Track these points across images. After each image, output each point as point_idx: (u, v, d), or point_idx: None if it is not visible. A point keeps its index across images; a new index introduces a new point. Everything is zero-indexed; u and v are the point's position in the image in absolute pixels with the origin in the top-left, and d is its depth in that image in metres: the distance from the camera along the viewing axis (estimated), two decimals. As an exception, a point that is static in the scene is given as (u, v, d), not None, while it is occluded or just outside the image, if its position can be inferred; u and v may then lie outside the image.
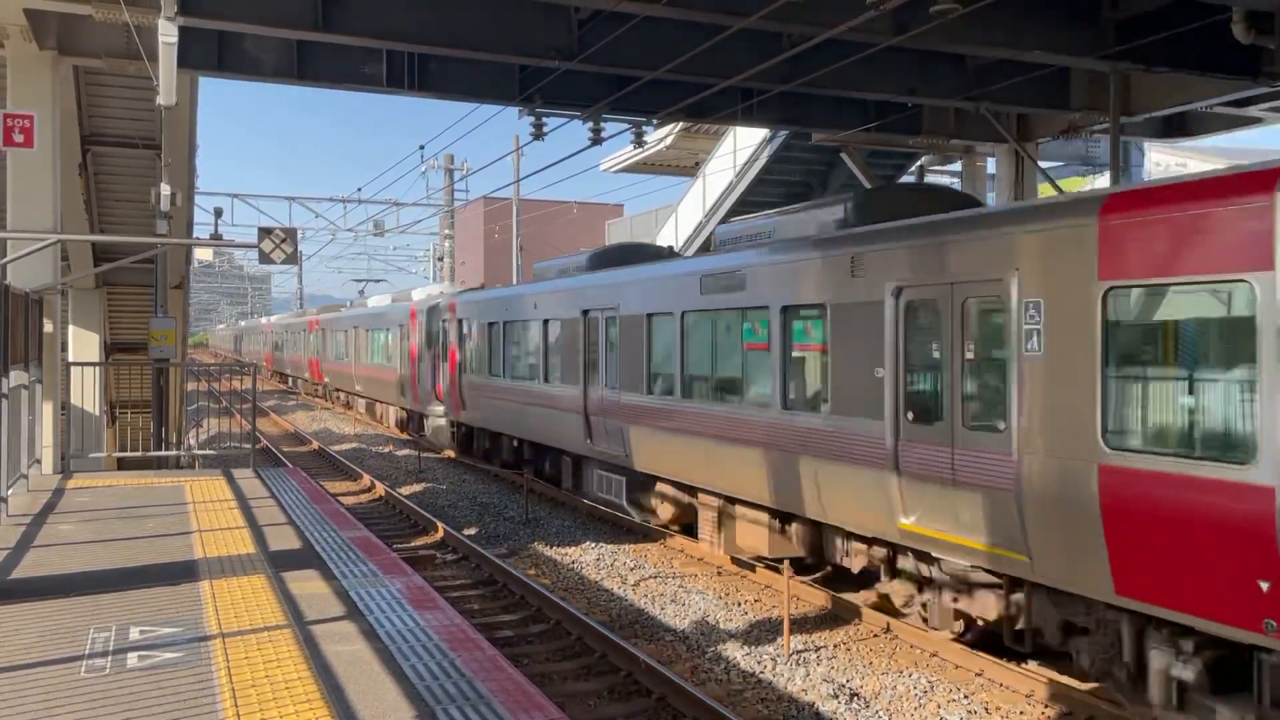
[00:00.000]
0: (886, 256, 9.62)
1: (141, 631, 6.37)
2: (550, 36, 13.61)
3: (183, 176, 18.76)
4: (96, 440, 17.59)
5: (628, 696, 8.85)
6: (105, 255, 21.26)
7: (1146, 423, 7.24)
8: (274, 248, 12.79)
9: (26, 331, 11.36)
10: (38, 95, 13.00)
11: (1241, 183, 6.61)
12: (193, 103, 17.22)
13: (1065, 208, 7.97)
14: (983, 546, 8.43)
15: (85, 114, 17.36)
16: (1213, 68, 13.91)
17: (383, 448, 28.06)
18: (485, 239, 59.12)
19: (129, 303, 25.22)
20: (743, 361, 12.28)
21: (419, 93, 15.12)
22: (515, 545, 15.13)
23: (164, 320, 17.49)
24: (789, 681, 9.20)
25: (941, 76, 15.72)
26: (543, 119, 16.22)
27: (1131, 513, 7.09)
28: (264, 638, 6.27)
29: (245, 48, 14.34)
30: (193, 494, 11.81)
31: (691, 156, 31.99)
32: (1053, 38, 13.41)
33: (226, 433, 26.58)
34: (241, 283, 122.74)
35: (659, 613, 11.40)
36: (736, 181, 25.95)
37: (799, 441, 10.82)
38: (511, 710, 5.16)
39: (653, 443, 14.02)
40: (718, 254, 13.16)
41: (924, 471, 9.02)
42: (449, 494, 19.87)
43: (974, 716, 8.35)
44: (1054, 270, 7.81)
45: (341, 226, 41.67)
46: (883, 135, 18.52)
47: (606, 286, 15.56)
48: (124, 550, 8.74)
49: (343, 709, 5.11)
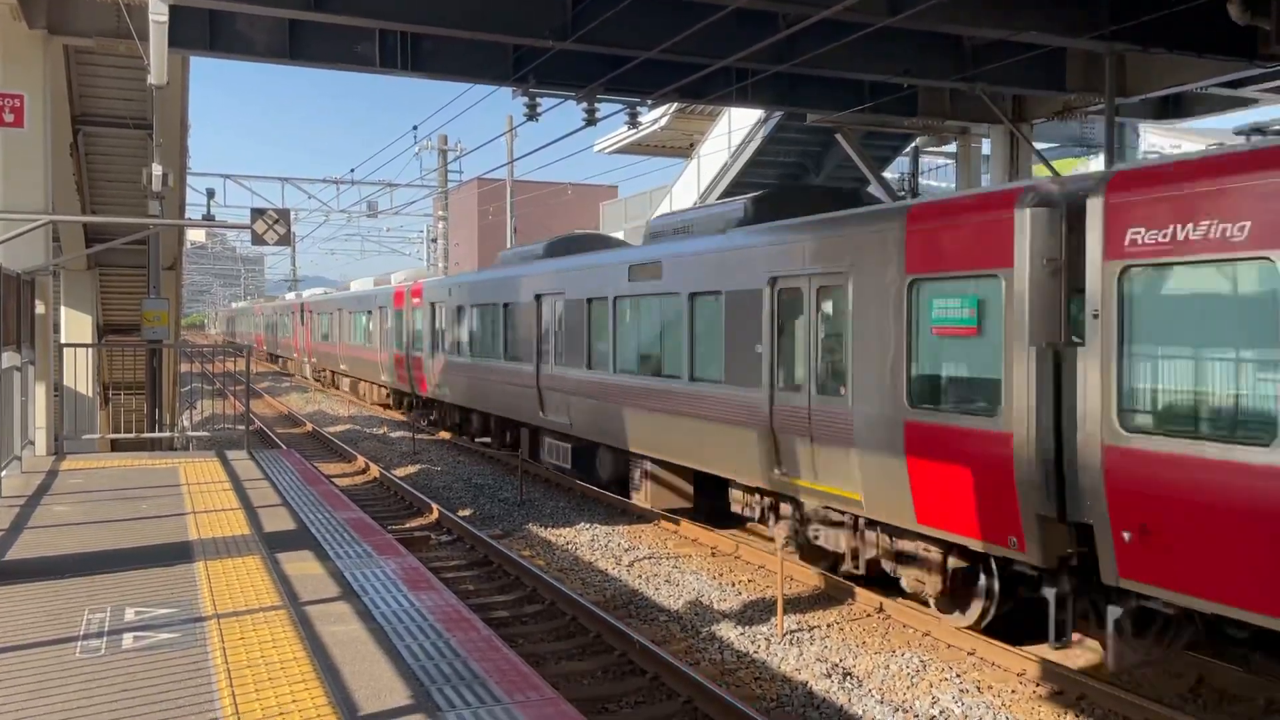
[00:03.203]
0: (766, 252, 11.37)
1: (137, 612, 6.38)
2: (544, 16, 13.54)
3: (175, 157, 18.66)
4: (90, 422, 17.56)
5: (622, 676, 8.89)
6: (97, 236, 21.16)
7: (937, 389, 9.19)
8: (267, 229, 12.74)
9: (19, 313, 11.32)
10: (28, 75, 12.89)
11: (991, 200, 8.54)
12: (184, 83, 17.11)
13: (881, 215, 9.86)
14: (831, 490, 10.39)
15: (76, 94, 17.24)
16: (1208, 48, 13.89)
17: (377, 429, 28.06)
18: (479, 220, 58.92)
19: (122, 284, 25.13)
20: (660, 340, 13.92)
21: (412, 73, 15.04)
22: (510, 526, 15.16)
23: (157, 302, 17.44)
24: (782, 661, 9.25)
25: (937, 57, 15.68)
26: (537, 99, 16.15)
27: (924, 458, 9.05)
28: (259, 618, 6.28)
29: (237, 27, 14.25)
30: (187, 475, 11.81)
31: (686, 138, 31.89)
32: (1048, 18, 13.38)
33: (220, 414, 26.54)
34: (234, 264, 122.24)
35: (653, 593, 11.44)
36: (731, 163, 25.90)
37: (702, 408, 12.51)
38: (506, 690, 5.18)
39: (589, 411, 15.77)
40: (644, 246, 14.93)
41: (791, 429, 10.90)
42: (443, 475, 19.89)
43: (966, 695, 8.40)
44: (876, 265, 9.61)
45: (335, 208, 41.51)
46: (878, 116, 18.48)
47: (554, 273, 17.26)
48: (118, 532, 8.74)
49: (338, 689, 5.13)
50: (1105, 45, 13.92)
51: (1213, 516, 6.71)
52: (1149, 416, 7.31)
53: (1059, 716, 8.06)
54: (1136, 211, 7.23)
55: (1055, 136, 24.50)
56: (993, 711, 8.10)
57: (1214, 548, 6.72)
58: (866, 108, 17.78)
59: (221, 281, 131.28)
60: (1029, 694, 8.48)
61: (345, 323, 35.80)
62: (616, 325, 14.89)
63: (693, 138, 30.87)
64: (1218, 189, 6.77)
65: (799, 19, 12.66)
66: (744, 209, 12.69)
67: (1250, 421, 6.70)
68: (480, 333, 21.03)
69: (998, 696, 8.43)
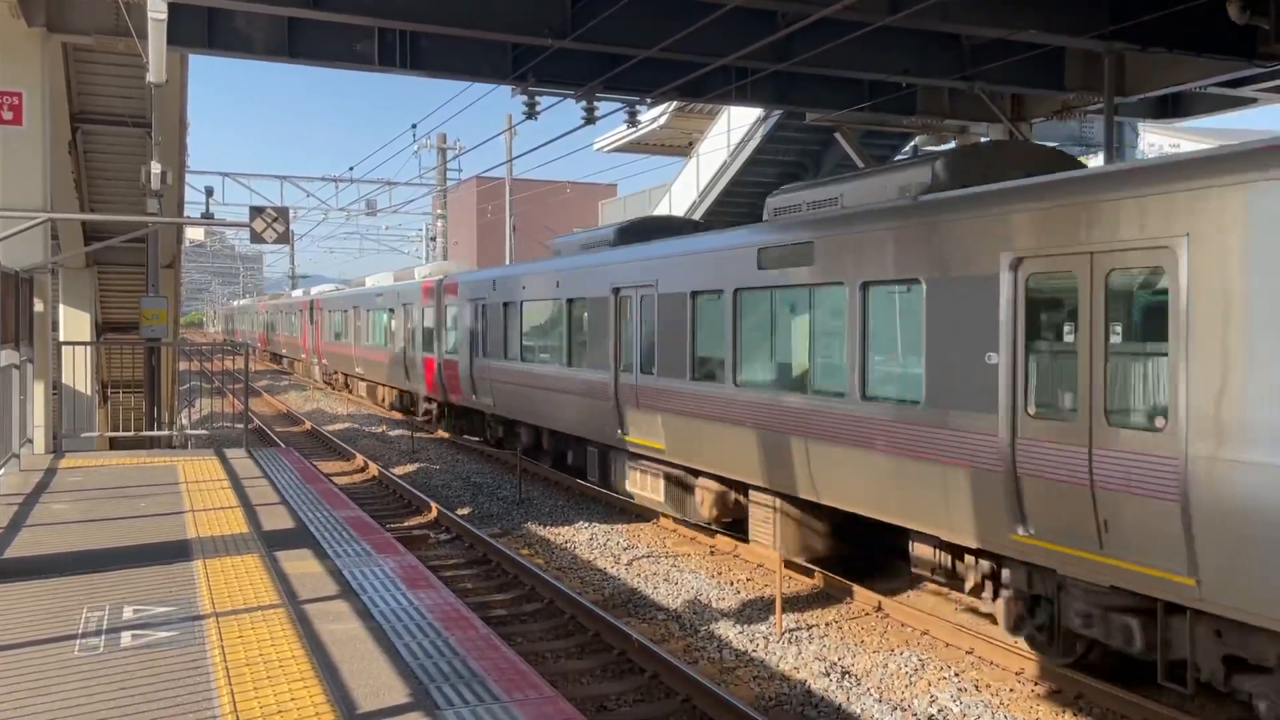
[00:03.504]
0: (1002, 224, 8.53)
1: (135, 611, 6.37)
2: (543, 15, 13.54)
3: (173, 155, 18.64)
4: (88, 420, 17.56)
5: (620, 675, 8.89)
6: (96, 234, 21.14)
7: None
8: (266, 227, 12.73)
9: (17, 311, 11.32)
10: (27, 73, 12.88)
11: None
12: (183, 81, 17.10)
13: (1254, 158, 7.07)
14: (1134, 567, 7.38)
15: (75, 92, 17.22)
16: (1207, 48, 13.90)
17: (376, 428, 28.06)
18: (478, 219, 58.90)
19: (120, 282, 25.10)
20: (809, 347, 10.98)
21: (411, 71, 15.04)
22: (508, 525, 15.17)
23: (156, 300, 17.41)
24: (781, 660, 9.25)
25: (936, 56, 15.68)
26: (536, 98, 16.14)
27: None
28: (257, 617, 6.28)
29: (236, 25, 14.23)
30: (185, 474, 11.80)
31: (685, 136, 31.87)
32: (1048, 17, 13.38)
33: (219, 413, 26.53)
34: (233, 263, 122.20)
35: (652, 592, 11.44)
36: (730, 161, 25.89)
37: (875, 437, 9.75)
38: (505, 688, 5.18)
39: (692, 434, 12.85)
40: (773, 225, 11.65)
41: (1051, 472, 7.98)
42: (442, 474, 19.88)
43: (964, 694, 8.41)
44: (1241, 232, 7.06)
45: (333, 206, 41.51)
46: (877, 115, 18.47)
47: (640, 262, 14.18)
48: (117, 530, 8.74)
49: (337, 687, 5.13)
50: (1104, 45, 13.92)
51: None
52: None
53: (1057, 715, 8.07)
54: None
55: (1054, 136, 24.50)
56: (991, 710, 8.10)
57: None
58: (865, 106, 17.78)
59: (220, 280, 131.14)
60: (1027, 692, 8.49)
61: (363, 321, 32.94)
62: (739, 326, 11.89)
63: (692, 136, 30.86)
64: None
65: (798, 17, 12.66)
66: (932, 172, 9.70)
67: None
68: (535, 334, 18.23)
69: (995, 695, 8.44)
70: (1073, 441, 7.63)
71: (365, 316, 32.66)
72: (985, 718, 8.00)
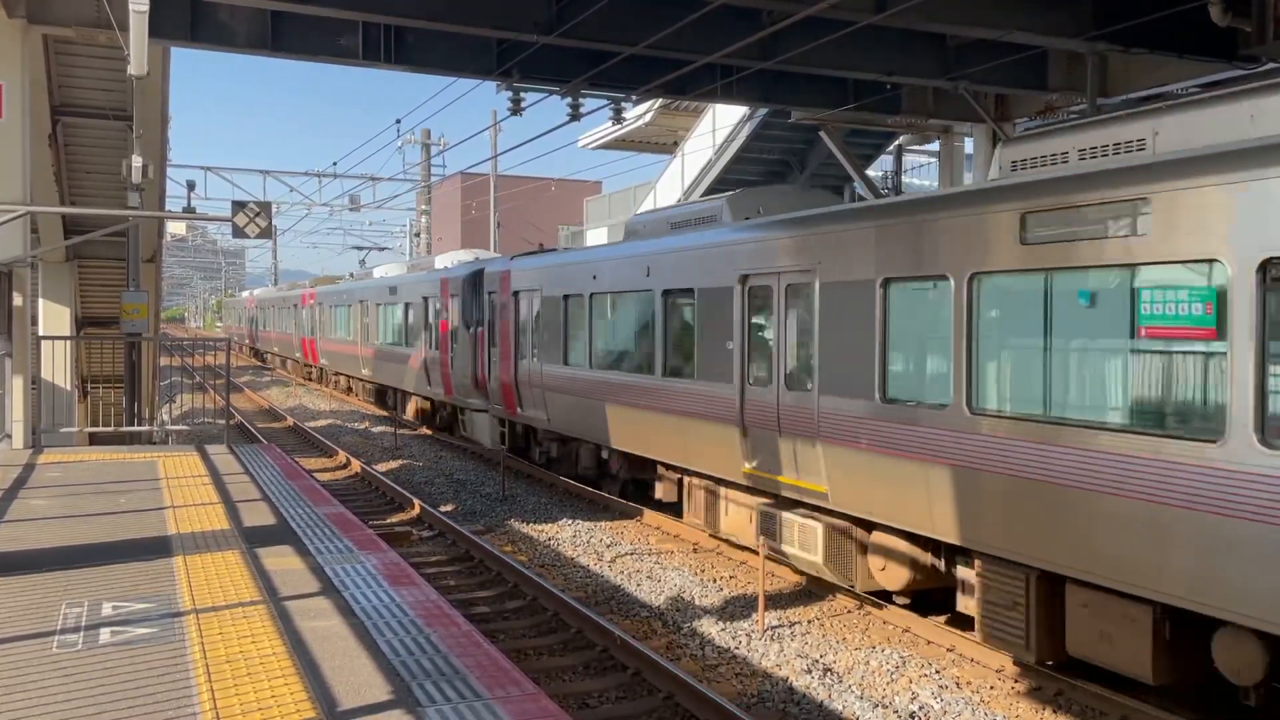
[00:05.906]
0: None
1: (114, 607, 6.33)
2: (528, 10, 13.49)
3: (155, 148, 18.51)
4: (68, 415, 17.42)
5: (603, 671, 8.89)
6: (76, 228, 20.97)
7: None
8: (248, 221, 12.65)
9: (-4, 305, 11.23)
10: (7, 64, 12.76)
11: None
12: (165, 74, 16.97)
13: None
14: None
15: (55, 84, 17.07)
16: (1189, 49, 13.99)
17: (358, 424, 27.96)
18: (462, 215, 58.76)
19: (101, 276, 24.90)
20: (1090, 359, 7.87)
21: (395, 66, 14.96)
22: (492, 522, 15.14)
23: (136, 294, 17.30)
24: (763, 657, 9.28)
25: (921, 56, 15.72)
26: (521, 94, 16.09)
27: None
28: (238, 613, 6.25)
29: (218, 18, 14.12)
30: (166, 470, 11.73)
31: (671, 134, 31.89)
32: (1032, 18, 13.44)
33: (200, 408, 26.38)
34: (215, 257, 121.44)
35: (635, 589, 11.45)
36: (715, 159, 25.93)
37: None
38: (487, 685, 5.17)
39: (873, 476, 9.68)
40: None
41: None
42: (425, 471, 19.83)
43: (945, 691, 8.45)
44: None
45: (317, 201, 41.32)
46: (862, 114, 18.52)
47: (790, 242, 10.92)
48: (97, 525, 8.67)
49: (318, 684, 5.11)
50: (1088, 46, 13.99)
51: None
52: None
53: (1037, 712, 8.12)
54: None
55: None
56: (971, 707, 8.14)
57: None
58: (850, 106, 17.82)
59: (202, 275, 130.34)
60: (1007, 690, 8.53)
61: (373, 318, 29.23)
62: (974, 328, 8.49)
63: (677, 134, 30.87)
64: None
65: (783, 16, 12.66)
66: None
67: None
68: (611, 335, 15.34)
69: (976, 692, 8.48)
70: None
71: (375, 313, 28.91)
72: (966, 715, 8.03)
